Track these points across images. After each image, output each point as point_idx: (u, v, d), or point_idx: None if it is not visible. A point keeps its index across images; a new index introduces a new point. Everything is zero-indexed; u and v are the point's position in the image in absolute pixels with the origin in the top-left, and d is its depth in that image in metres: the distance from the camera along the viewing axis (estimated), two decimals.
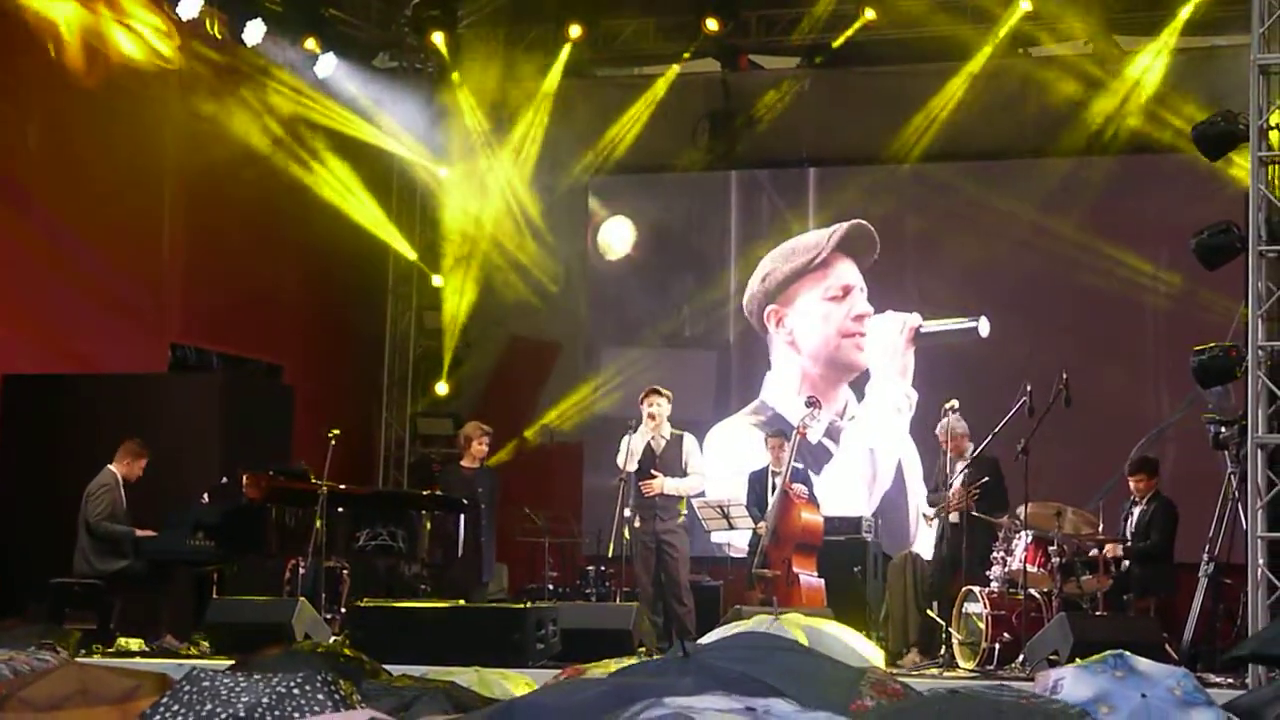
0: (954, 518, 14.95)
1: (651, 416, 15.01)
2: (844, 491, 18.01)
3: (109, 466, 14.90)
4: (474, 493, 16.14)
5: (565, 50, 19.22)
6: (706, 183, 19.86)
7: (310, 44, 18.58)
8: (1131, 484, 14.92)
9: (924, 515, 16.22)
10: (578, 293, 19.96)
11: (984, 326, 18.20)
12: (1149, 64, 18.00)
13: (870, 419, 18.61)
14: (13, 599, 14.83)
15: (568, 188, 19.77)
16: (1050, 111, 18.40)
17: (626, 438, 15.01)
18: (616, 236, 19.99)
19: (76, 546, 14.68)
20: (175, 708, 5.21)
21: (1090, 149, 18.35)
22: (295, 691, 5.37)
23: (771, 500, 15.48)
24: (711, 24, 18.60)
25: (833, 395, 18.96)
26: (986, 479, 14.71)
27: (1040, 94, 18.43)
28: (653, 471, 14.80)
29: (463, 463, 16.57)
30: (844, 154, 19.47)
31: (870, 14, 18.17)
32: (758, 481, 15.94)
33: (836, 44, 18.62)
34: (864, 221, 18.92)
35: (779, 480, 15.58)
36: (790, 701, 4.58)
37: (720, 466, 17.49)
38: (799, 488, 15.59)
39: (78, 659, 10.42)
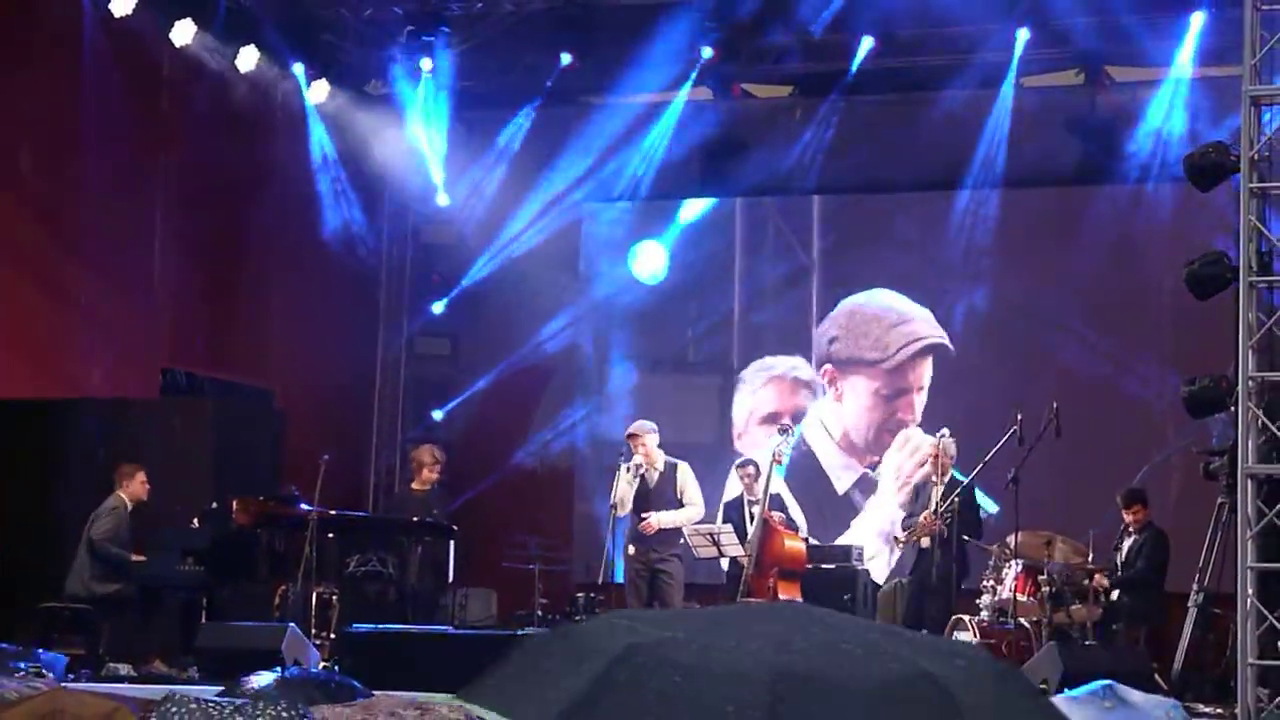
0: (924, 542, 14.98)
1: (646, 457, 15.02)
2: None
3: (117, 492, 14.92)
4: (430, 514, 16.18)
5: (556, 77, 19.22)
6: (706, 208, 19.85)
7: (304, 69, 18.61)
8: (1125, 515, 14.95)
9: (895, 538, 16.21)
10: (575, 318, 19.94)
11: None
12: (1144, 94, 18.02)
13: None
14: (0, 623, 14.80)
15: (561, 214, 19.75)
16: (1044, 140, 18.43)
17: (618, 473, 15.00)
18: (650, 260, 19.97)
19: (73, 567, 14.67)
20: None
21: (1086, 178, 18.38)
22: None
23: (751, 529, 15.49)
24: (707, 52, 18.61)
25: (872, 453, 19.00)
26: (956, 498, 14.68)
27: (1036, 123, 18.46)
28: (642, 516, 14.79)
29: (413, 485, 16.62)
30: (838, 182, 19.49)
31: (868, 42, 18.17)
32: (733, 511, 15.96)
33: (850, 71, 18.56)
34: (946, 344, 18.91)
35: (756, 509, 15.59)
36: None
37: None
38: (777, 515, 15.63)
39: (64, 684, 10.41)
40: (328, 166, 19.11)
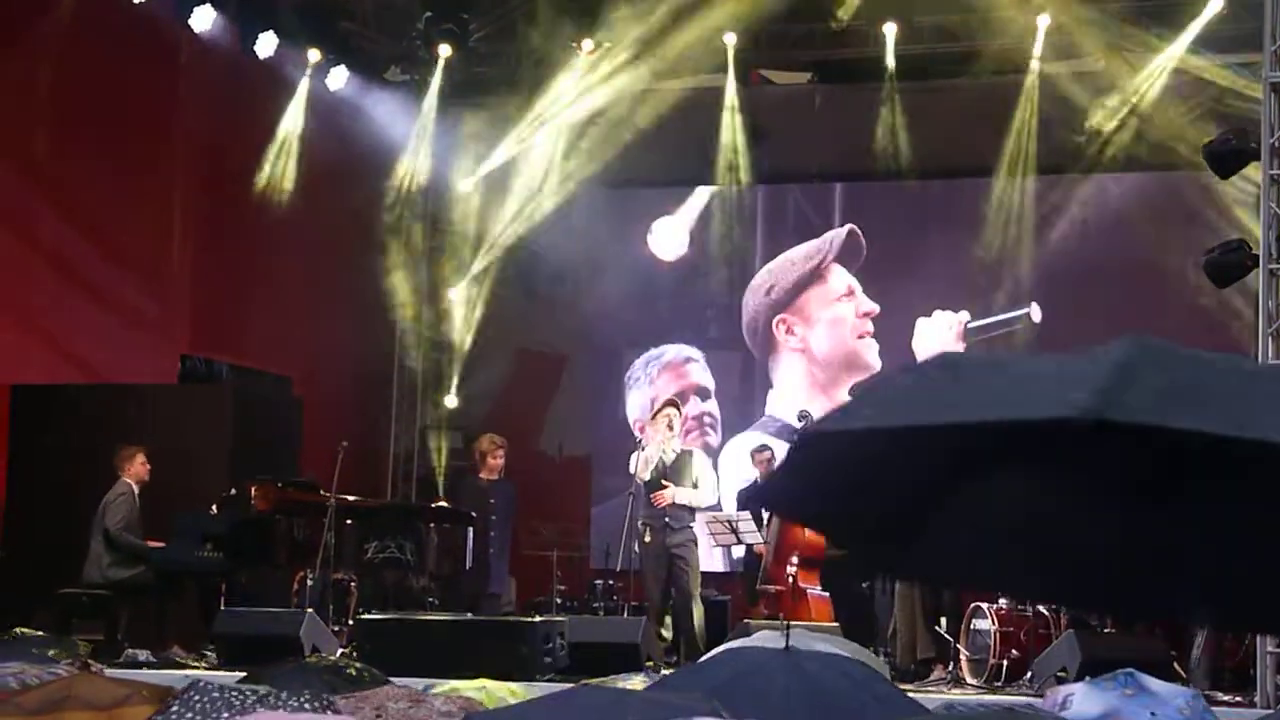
0: None
1: (669, 426, 15.00)
2: None
3: (122, 478, 14.94)
4: (485, 504, 16.14)
5: (577, 63, 19.18)
6: (727, 193, 19.82)
7: (322, 56, 18.61)
8: None
9: None
10: (594, 300, 19.91)
11: (1035, 312, 18.24)
12: (1165, 81, 17.91)
13: None
14: (20, 608, 14.82)
15: (579, 198, 19.70)
16: (1064, 126, 18.36)
17: (637, 452, 14.99)
18: (669, 237, 19.97)
19: (89, 555, 14.69)
20: (188, 715, 5.22)
21: (1108, 164, 18.31)
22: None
23: (767, 516, 15.46)
24: (730, 37, 18.60)
25: (836, 397, 18.97)
26: None
27: (1055, 109, 18.38)
28: (663, 483, 14.77)
29: (481, 474, 16.55)
30: (858, 169, 19.47)
31: (892, 29, 18.13)
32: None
33: (869, 58, 18.54)
34: (855, 228, 19.07)
35: None
36: None
37: (733, 484, 17.40)
38: None
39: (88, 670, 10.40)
40: (345, 152, 19.08)
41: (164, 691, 5.98)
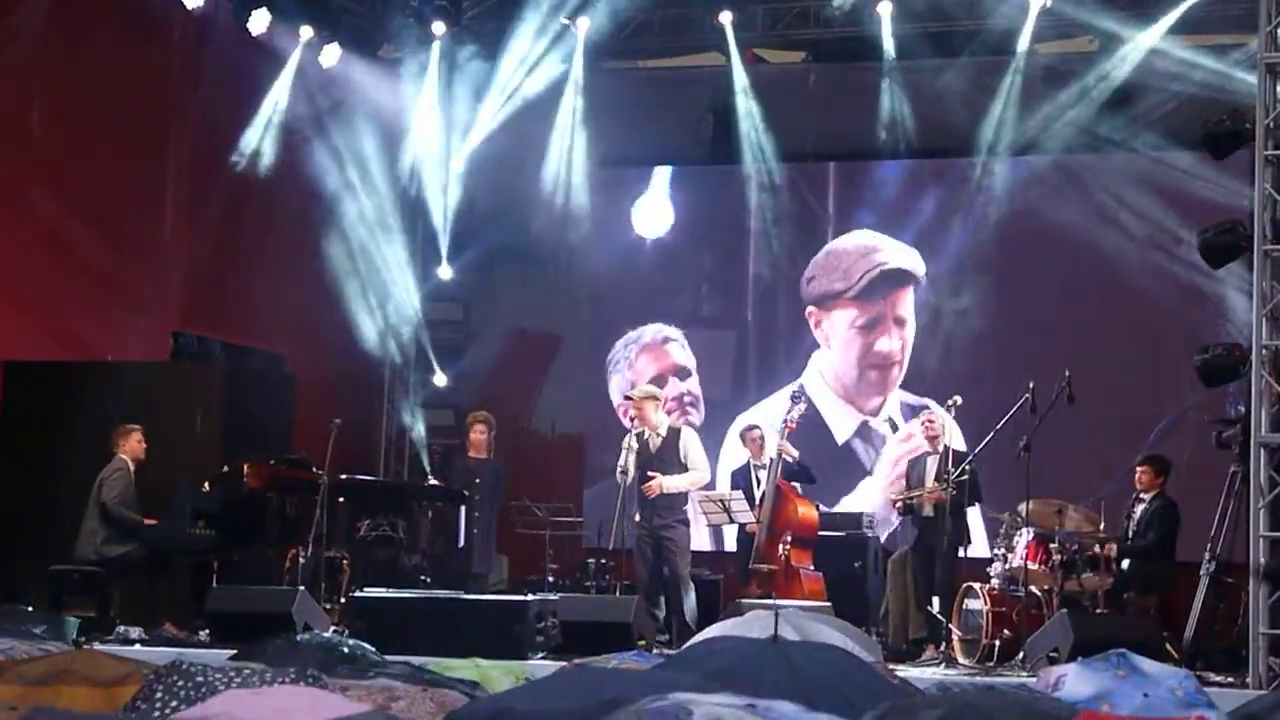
0: (928, 510, 14.94)
1: (641, 418, 14.97)
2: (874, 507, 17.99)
3: (118, 455, 14.94)
4: (471, 483, 16.16)
5: (569, 40, 19.14)
6: (719, 173, 19.76)
7: (315, 33, 18.55)
8: (1137, 475, 14.89)
9: (892, 502, 16.13)
10: (586, 279, 19.89)
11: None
12: (1156, 61, 17.87)
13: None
14: (12, 585, 14.84)
15: (573, 177, 19.66)
16: (1058, 106, 18.34)
17: (626, 439, 14.95)
18: (655, 213, 19.94)
19: (83, 530, 14.70)
20: (173, 703, 5.20)
21: (1100, 144, 18.29)
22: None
23: (761, 494, 15.46)
24: (725, 16, 18.54)
25: (866, 398, 18.91)
26: (967, 466, 14.61)
27: (1050, 89, 18.36)
28: (650, 473, 14.72)
29: (469, 453, 16.57)
30: (852, 148, 19.44)
31: (887, 8, 18.06)
32: (740, 478, 15.93)
33: (863, 37, 18.49)
34: (913, 271, 18.88)
35: (764, 474, 15.57)
36: (797, 704, 4.53)
37: (730, 462, 17.34)
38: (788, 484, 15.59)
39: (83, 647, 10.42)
40: (338, 130, 19.04)
41: (156, 670, 5.98)
